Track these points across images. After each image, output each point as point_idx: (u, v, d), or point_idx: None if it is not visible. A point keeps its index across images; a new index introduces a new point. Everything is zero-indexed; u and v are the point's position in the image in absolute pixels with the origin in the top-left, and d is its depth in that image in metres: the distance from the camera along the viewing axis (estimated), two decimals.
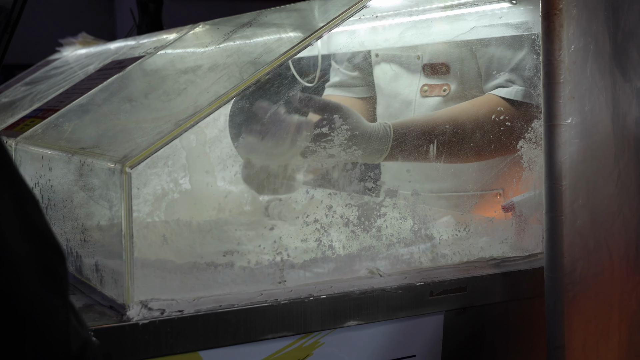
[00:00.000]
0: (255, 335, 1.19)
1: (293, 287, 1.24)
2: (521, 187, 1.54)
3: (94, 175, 1.25)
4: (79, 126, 1.59)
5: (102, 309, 1.18)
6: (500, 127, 1.56)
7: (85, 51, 2.65)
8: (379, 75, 1.97)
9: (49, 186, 1.44)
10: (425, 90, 1.83)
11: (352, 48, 1.96)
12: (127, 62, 1.89)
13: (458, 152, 1.58)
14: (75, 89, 1.89)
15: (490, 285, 1.37)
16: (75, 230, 1.34)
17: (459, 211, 1.61)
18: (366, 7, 1.39)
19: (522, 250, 1.45)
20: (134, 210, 1.15)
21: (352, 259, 1.33)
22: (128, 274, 1.14)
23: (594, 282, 1.32)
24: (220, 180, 1.85)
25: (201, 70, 1.56)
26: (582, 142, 1.29)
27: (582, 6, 1.27)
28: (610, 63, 1.32)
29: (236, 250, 1.34)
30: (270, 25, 1.64)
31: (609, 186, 1.33)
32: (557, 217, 1.28)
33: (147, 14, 3.00)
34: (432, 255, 1.39)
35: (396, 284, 1.30)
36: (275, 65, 1.32)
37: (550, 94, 1.27)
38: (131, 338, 1.11)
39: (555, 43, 1.26)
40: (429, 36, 1.77)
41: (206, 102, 1.26)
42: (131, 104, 1.63)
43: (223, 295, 1.19)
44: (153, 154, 1.17)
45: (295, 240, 1.41)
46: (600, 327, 1.34)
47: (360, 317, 1.26)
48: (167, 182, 1.63)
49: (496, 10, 1.58)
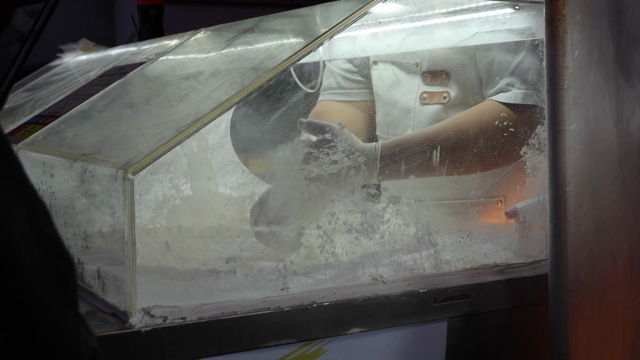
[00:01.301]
0: (257, 343, 1.18)
1: (296, 294, 1.24)
2: (522, 194, 1.53)
3: (96, 182, 1.24)
4: (80, 132, 1.59)
5: (104, 316, 1.18)
6: (504, 134, 1.55)
7: (86, 57, 2.64)
8: (377, 82, 1.96)
9: (50, 192, 1.43)
10: (425, 98, 1.82)
11: (353, 54, 1.96)
12: (129, 68, 1.89)
13: (458, 165, 1.57)
14: (76, 95, 1.88)
15: (494, 292, 1.36)
16: (76, 237, 1.33)
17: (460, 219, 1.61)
18: (368, 13, 1.39)
19: (526, 256, 1.44)
20: (136, 217, 1.14)
21: (355, 265, 1.32)
22: (130, 281, 1.13)
23: (598, 288, 1.32)
24: (221, 187, 1.85)
25: (203, 77, 1.55)
26: (586, 148, 1.28)
27: (586, 12, 1.26)
28: (613, 69, 1.32)
29: (238, 257, 1.33)
30: (272, 31, 1.63)
31: (613, 192, 1.32)
32: (561, 224, 1.27)
33: (148, 20, 3.00)
34: (436, 261, 1.39)
35: (399, 291, 1.29)
36: (277, 72, 1.31)
37: (554, 100, 1.26)
38: (133, 345, 1.10)
39: (559, 49, 1.25)
40: (431, 42, 1.76)
41: (208, 109, 1.26)
42: (132, 110, 1.63)
43: (225, 303, 1.19)
44: (155, 160, 1.17)
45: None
46: (605, 334, 1.34)
47: (363, 324, 1.26)
48: (169, 188, 1.62)
49: (499, 16, 1.58)
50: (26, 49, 1.14)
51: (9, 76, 1.13)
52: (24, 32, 1.14)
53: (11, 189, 0.69)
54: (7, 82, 1.14)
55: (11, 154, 0.71)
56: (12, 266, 0.65)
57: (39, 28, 1.14)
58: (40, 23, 1.14)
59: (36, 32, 1.14)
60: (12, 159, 0.71)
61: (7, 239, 0.66)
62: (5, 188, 0.68)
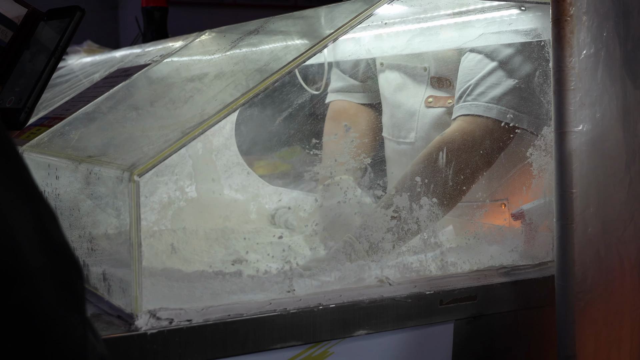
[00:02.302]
0: (264, 345, 1.18)
1: (302, 296, 1.23)
2: (526, 196, 1.52)
3: (101, 184, 1.24)
4: (85, 134, 1.59)
5: (110, 318, 1.17)
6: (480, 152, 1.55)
7: (90, 59, 2.64)
8: (384, 84, 1.95)
9: (55, 195, 1.43)
10: (430, 102, 1.82)
11: (359, 55, 1.95)
12: (133, 70, 1.88)
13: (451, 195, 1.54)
14: (81, 97, 1.88)
15: (500, 294, 1.36)
16: (82, 239, 1.33)
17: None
18: (374, 15, 1.39)
19: (532, 258, 1.44)
20: (141, 219, 1.14)
21: (362, 267, 1.32)
22: (136, 283, 1.13)
23: (605, 290, 1.31)
24: (226, 188, 1.85)
25: (207, 78, 1.55)
26: (593, 149, 1.28)
27: (593, 12, 1.26)
28: (620, 70, 1.31)
29: (244, 259, 1.33)
30: (277, 33, 1.63)
31: (620, 193, 1.32)
32: (568, 225, 1.27)
33: (152, 22, 3.00)
34: (442, 263, 1.38)
35: (406, 293, 1.28)
36: (282, 74, 1.31)
37: (561, 101, 1.26)
38: (139, 348, 1.10)
39: (566, 50, 1.25)
40: (436, 43, 1.76)
41: (213, 110, 1.26)
42: (137, 112, 1.63)
43: (231, 305, 1.18)
44: (160, 162, 1.17)
45: (303, 248, 1.40)
46: (612, 336, 1.33)
47: (369, 327, 1.25)
48: (174, 190, 1.62)
49: (505, 17, 1.57)
50: (52, 65, 1.15)
51: (35, 92, 1.15)
52: (49, 47, 1.16)
53: (18, 193, 0.69)
54: (34, 98, 1.15)
55: (18, 157, 0.71)
56: (18, 273, 0.65)
57: (64, 44, 1.16)
58: (65, 38, 1.16)
59: (62, 48, 1.16)
60: (19, 162, 0.71)
61: (13, 245, 0.65)
62: (11, 192, 0.68)
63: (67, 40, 1.17)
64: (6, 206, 0.66)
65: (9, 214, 0.66)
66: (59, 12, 1.20)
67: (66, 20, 1.18)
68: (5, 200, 0.66)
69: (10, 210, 0.67)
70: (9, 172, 0.69)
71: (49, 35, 1.17)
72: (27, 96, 1.15)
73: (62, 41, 1.16)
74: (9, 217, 0.66)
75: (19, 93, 1.16)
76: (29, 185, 0.70)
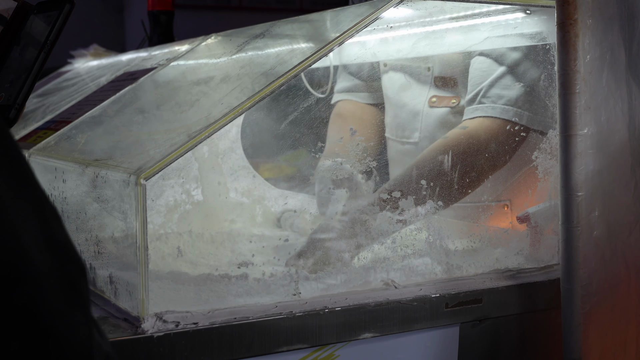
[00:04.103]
0: (270, 348, 1.18)
1: (308, 299, 1.24)
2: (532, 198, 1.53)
3: (108, 187, 1.25)
4: (91, 138, 1.60)
5: (117, 321, 1.18)
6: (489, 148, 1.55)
7: (96, 63, 2.65)
8: (387, 84, 1.96)
9: (62, 198, 1.43)
10: (434, 102, 1.83)
11: (364, 59, 1.96)
12: (139, 74, 1.89)
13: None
14: (87, 101, 1.89)
15: (506, 297, 1.36)
16: (89, 242, 1.34)
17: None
18: (379, 19, 1.39)
19: (537, 261, 1.44)
20: (148, 222, 1.14)
21: (367, 270, 1.32)
22: (143, 286, 1.13)
23: (610, 293, 1.31)
24: (232, 192, 1.85)
25: (213, 82, 1.56)
26: (599, 152, 1.28)
27: (598, 16, 1.26)
28: (626, 73, 1.31)
29: (250, 262, 1.34)
30: (283, 37, 1.64)
31: (626, 196, 1.32)
32: (574, 228, 1.27)
33: (158, 26, 3.00)
34: (447, 266, 1.38)
35: (411, 296, 1.29)
36: (288, 77, 1.31)
37: (566, 104, 1.26)
38: (146, 350, 1.11)
39: (571, 53, 1.25)
40: (441, 47, 1.76)
41: (219, 114, 1.26)
42: (144, 115, 1.63)
43: (237, 308, 1.19)
44: (167, 166, 1.17)
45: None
46: (618, 339, 1.33)
47: (375, 329, 1.26)
48: (180, 193, 1.63)
49: (510, 20, 1.58)
50: (42, 59, 1.13)
51: (25, 86, 1.13)
52: (39, 41, 1.14)
53: (22, 195, 0.69)
54: (24, 93, 1.13)
55: (22, 159, 0.71)
56: (22, 272, 0.65)
57: (53, 37, 1.13)
58: (55, 32, 1.13)
59: (51, 42, 1.13)
60: (23, 164, 0.71)
61: (18, 246, 0.65)
62: (15, 193, 0.68)
63: (57, 33, 1.14)
64: (10, 206, 0.67)
65: (12, 213, 0.67)
66: (47, 5, 1.17)
67: (55, 14, 1.16)
68: (9, 200, 0.67)
69: (14, 210, 0.67)
70: (12, 173, 0.69)
71: (39, 29, 1.15)
72: (16, 92, 1.13)
73: (51, 35, 1.14)
74: (13, 217, 0.66)
75: (9, 89, 1.15)
76: (32, 185, 0.71)
